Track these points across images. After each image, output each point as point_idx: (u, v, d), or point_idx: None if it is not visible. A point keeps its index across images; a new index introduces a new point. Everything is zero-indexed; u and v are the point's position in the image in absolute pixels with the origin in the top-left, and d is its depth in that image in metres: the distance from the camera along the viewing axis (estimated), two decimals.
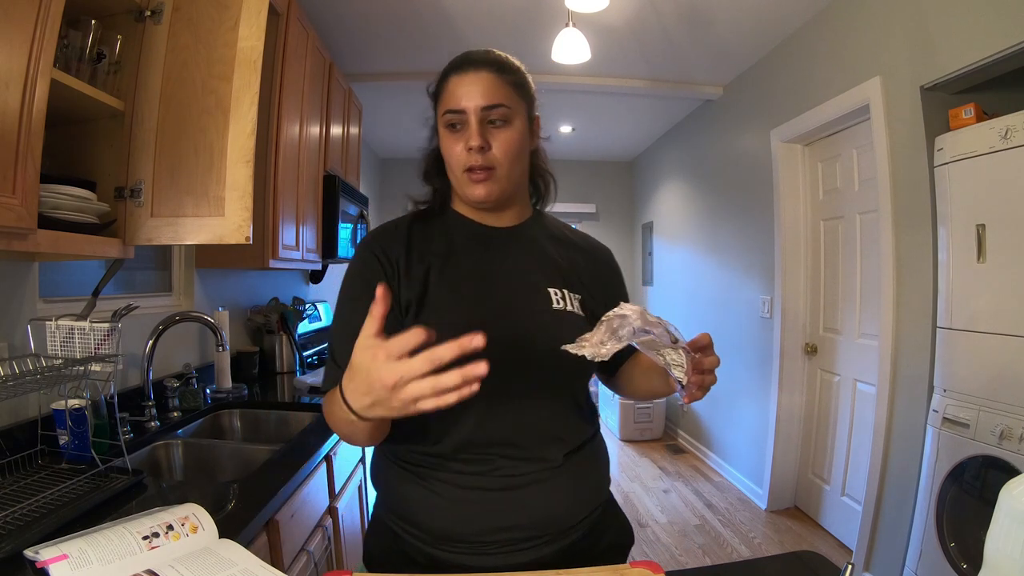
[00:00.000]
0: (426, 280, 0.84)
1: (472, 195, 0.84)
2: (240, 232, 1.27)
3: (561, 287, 0.88)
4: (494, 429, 0.80)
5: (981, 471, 1.67)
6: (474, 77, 0.81)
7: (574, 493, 0.84)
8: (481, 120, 0.81)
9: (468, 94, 0.81)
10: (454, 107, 0.82)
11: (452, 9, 2.54)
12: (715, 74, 3.36)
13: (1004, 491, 0.60)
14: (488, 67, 0.82)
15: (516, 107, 0.83)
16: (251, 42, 1.28)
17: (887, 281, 2.17)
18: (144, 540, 0.78)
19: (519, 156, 0.84)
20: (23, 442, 1.19)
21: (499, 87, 0.82)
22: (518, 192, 0.91)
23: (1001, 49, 1.65)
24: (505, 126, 0.82)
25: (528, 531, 0.80)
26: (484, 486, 0.80)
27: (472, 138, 0.80)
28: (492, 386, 0.77)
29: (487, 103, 0.80)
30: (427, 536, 0.82)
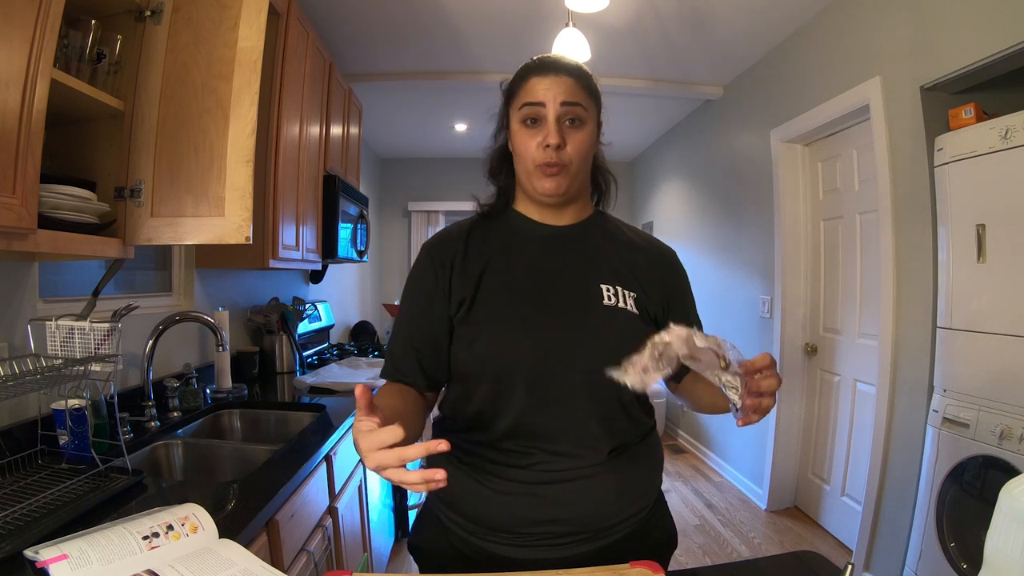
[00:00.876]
0: (481, 276, 0.88)
1: (543, 188, 0.87)
2: (240, 232, 1.27)
3: (615, 284, 0.89)
4: (536, 423, 0.83)
5: (981, 471, 1.67)
6: (556, 79, 0.86)
7: (615, 492, 0.84)
8: (559, 118, 0.85)
9: (550, 90, 0.85)
10: (534, 100, 0.86)
11: (452, 9, 2.54)
12: (715, 74, 3.36)
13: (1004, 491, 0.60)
14: (568, 72, 0.87)
15: (590, 110, 0.88)
16: (251, 42, 1.28)
17: (887, 281, 2.17)
18: (144, 540, 0.78)
19: (588, 156, 0.89)
20: (23, 442, 1.19)
21: (579, 90, 0.87)
22: (581, 191, 0.94)
23: (1001, 49, 1.65)
24: (580, 126, 0.87)
25: (566, 526, 0.82)
26: (524, 479, 0.82)
27: (551, 135, 0.84)
28: (536, 380, 0.82)
29: (569, 99, 0.85)
30: (470, 525, 0.85)
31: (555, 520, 0.82)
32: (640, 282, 0.91)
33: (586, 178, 0.93)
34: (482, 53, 2.99)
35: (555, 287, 0.88)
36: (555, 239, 0.93)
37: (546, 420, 0.83)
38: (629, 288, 0.90)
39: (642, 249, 0.97)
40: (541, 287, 0.87)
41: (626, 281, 0.90)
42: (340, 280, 4.09)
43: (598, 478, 0.83)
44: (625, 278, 0.91)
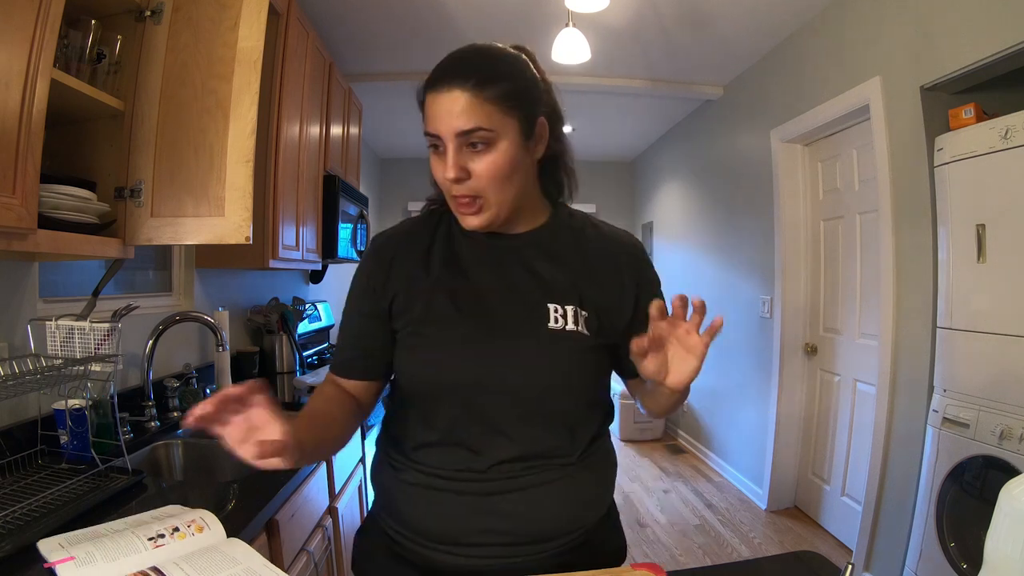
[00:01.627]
0: (424, 289, 0.82)
1: (463, 224, 0.80)
2: (240, 232, 1.27)
3: (564, 303, 0.81)
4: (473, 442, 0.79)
5: (981, 471, 1.67)
6: (447, 97, 0.72)
7: (559, 503, 0.81)
8: (458, 147, 0.73)
9: (442, 117, 0.72)
10: (430, 131, 0.75)
11: (452, 9, 2.54)
12: (715, 74, 3.36)
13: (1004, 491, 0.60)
14: (464, 83, 0.71)
15: (502, 125, 0.73)
16: (251, 42, 1.28)
17: (887, 281, 2.17)
18: (149, 541, 0.79)
19: (509, 177, 0.75)
20: (23, 442, 1.19)
21: (477, 107, 0.71)
22: (523, 204, 0.83)
23: (1001, 49, 1.65)
24: (488, 149, 0.73)
25: (508, 536, 0.79)
26: (464, 490, 0.79)
27: (448, 169, 0.73)
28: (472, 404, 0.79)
29: (462, 128, 0.71)
30: (413, 534, 0.82)
31: (495, 530, 0.78)
32: (595, 295, 0.83)
33: (521, 196, 0.80)
34: None
35: (499, 308, 0.81)
36: (503, 252, 0.84)
37: (483, 439, 0.79)
38: (583, 305, 0.82)
39: (600, 253, 0.87)
40: (485, 307, 0.81)
41: (579, 298, 0.82)
42: (340, 280, 4.09)
43: (541, 488, 0.80)
44: (577, 295, 0.82)
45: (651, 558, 2.58)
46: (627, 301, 0.85)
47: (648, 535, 2.83)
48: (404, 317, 0.82)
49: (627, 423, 4.42)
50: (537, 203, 0.87)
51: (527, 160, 0.79)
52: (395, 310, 0.84)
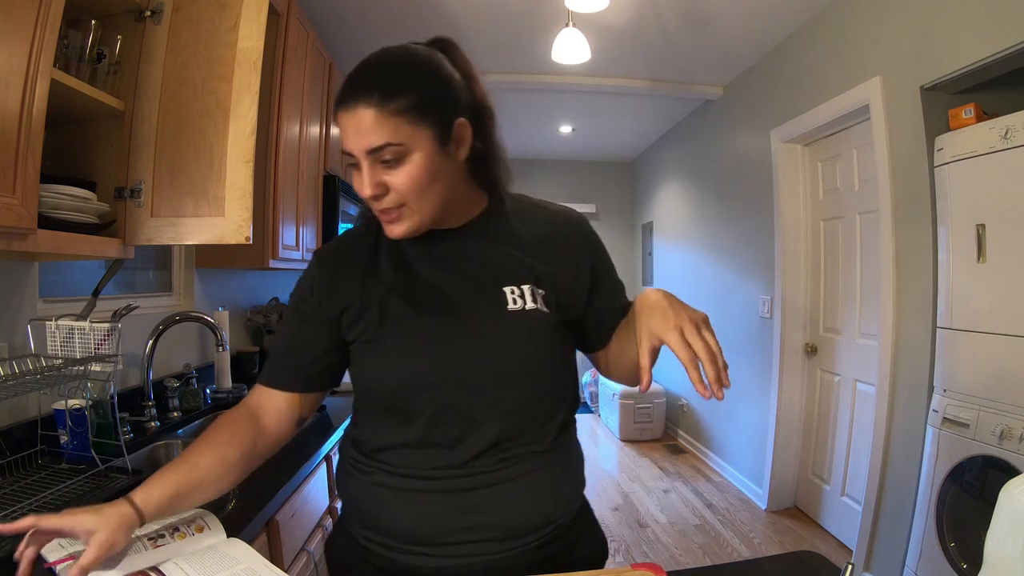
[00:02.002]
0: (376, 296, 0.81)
1: (389, 234, 0.78)
2: (240, 232, 1.27)
3: (519, 283, 0.81)
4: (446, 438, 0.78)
5: (981, 471, 1.67)
6: (352, 116, 0.70)
7: (536, 496, 0.80)
8: (372, 163, 0.72)
9: (351, 136, 0.71)
10: (343, 149, 0.74)
11: (452, 9, 2.54)
12: (715, 74, 3.36)
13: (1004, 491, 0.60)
14: (367, 99, 0.69)
15: (412, 136, 0.71)
16: (251, 42, 1.28)
17: (887, 281, 2.17)
18: (149, 540, 0.79)
19: (430, 186, 0.74)
20: (23, 442, 1.19)
21: (382, 123, 0.69)
22: (453, 201, 0.81)
23: (1001, 49, 1.65)
24: (401, 163, 0.71)
25: (485, 532, 0.77)
26: (439, 488, 0.78)
27: (364, 187, 0.73)
28: (444, 401, 0.77)
29: (371, 146, 0.70)
30: (388, 540, 0.80)
31: (471, 528, 0.77)
32: (549, 273, 0.83)
33: (446, 198, 0.78)
34: (483, 53, 2.99)
35: (455, 301, 0.80)
36: (447, 247, 0.83)
37: (456, 433, 0.78)
38: (538, 283, 0.81)
39: (548, 232, 0.86)
40: (441, 302, 0.80)
41: (533, 277, 0.82)
42: None
43: (517, 481, 0.79)
44: (531, 274, 0.82)
45: (651, 558, 2.58)
46: (583, 278, 0.85)
47: (648, 535, 2.83)
48: (359, 325, 0.81)
49: (627, 423, 4.42)
50: (471, 196, 0.85)
51: (448, 165, 0.76)
52: (347, 320, 0.82)
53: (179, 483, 0.75)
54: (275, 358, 0.87)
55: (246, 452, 0.82)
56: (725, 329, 3.56)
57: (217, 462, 0.78)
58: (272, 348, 0.89)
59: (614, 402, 4.48)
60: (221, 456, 0.79)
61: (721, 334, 0.87)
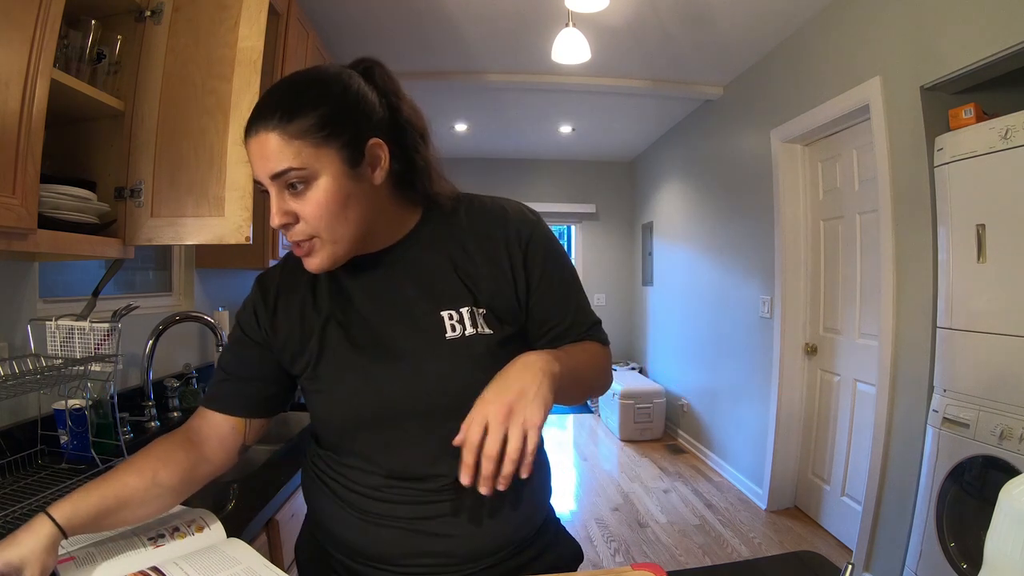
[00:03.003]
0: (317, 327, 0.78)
1: (307, 268, 0.74)
2: (240, 232, 1.27)
3: (459, 305, 0.76)
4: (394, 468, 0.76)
5: (981, 471, 1.67)
6: (256, 142, 0.68)
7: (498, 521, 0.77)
8: (279, 190, 0.69)
9: (256, 162, 0.69)
10: (254, 177, 0.71)
11: (452, 9, 2.54)
12: (715, 74, 3.36)
13: (1004, 491, 0.59)
14: (268, 123, 0.66)
15: (316, 160, 0.67)
16: (251, 42, 1.28)
17: (887, 281, 2.17)
18: (150, 541, 0.79)
19: (341, 212, 0.69)
20: (23, 442, 1.19)
21: (284, 146, 0.66)
22: (376, 224, 0.76)
23: (1001, 49, 1.65)
24: (307, 187, 0.68)
25: (443, 558, 0.76)
26: (392, 512, 0.76)
27: (272, 216, 0.70)
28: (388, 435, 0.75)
29: (273, 171, 0.67)
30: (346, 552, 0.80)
31: (430, 552, 0.75)
32: (488, 284, 0.77)
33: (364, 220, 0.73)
34: (482, 53, 2.99)
35: (392, 330, 0.77)
36: (381, 270, 0.79)
37: (405, 466, 0.76)
38: (477, 303, 0.76)
39: (481, 234, 0.80)
40: (379, 333, 0.77)
41: (472, 294, 0.77)
42: None
43: (470, 507, 0.76)
44: (470, 291, 0.77)
45: (651, 558, 2.58)
46: (518, 277, 0.79)
47: (648, 535, 2.83)
48: (300, 361, 0.79)
49: (627, 423, 4.42)
50: (399, 215, 0.79)
51: (361, 188, 0.71)
52: (288, 354, 0.80)
53: (104, 500, 0.71)
54: (219, 381, 0.84)
55: (184, 477, 0.78)
56: (725, 329, 3.56)
57: (149, 483, 0.74)
58: (217, 369, 0.85)
59: (614, 402, 4.48)
60: (154, 478, 0.75)
61: (721, 334, 0.87)
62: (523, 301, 0.80)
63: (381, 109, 0.73)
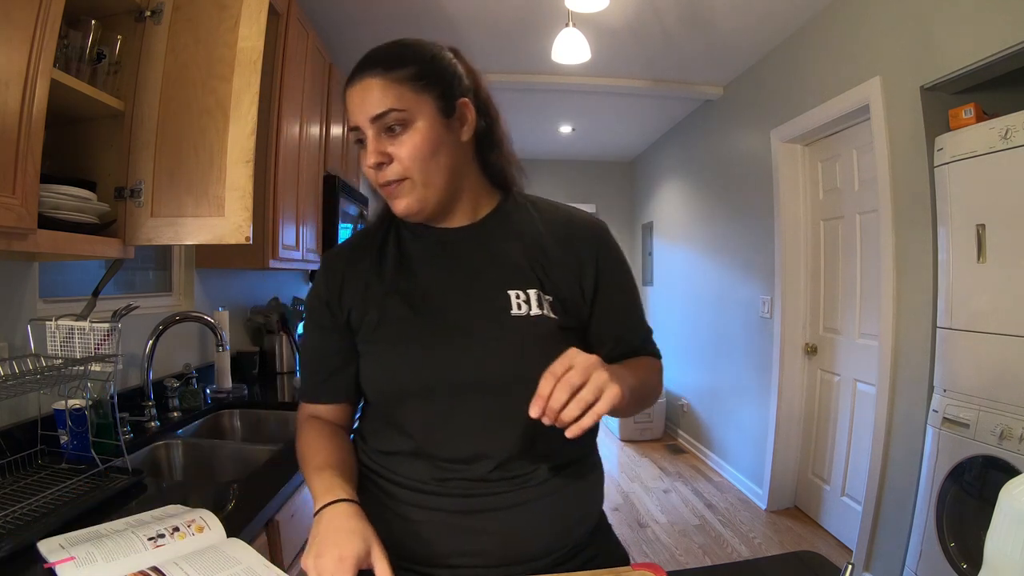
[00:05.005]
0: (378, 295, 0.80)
1: (395, 211, 0.78)
2: (240, 232, 1.27)
3: (525, 287, 0.78)
4: (450, 452, 0.76)
5: (981, 471, 1.67)
6: (360, 87, 0.73)
7: (548, 519, 0.77)
8: (377, 133, 0.73)
9: (356, 107, 0.73)
10: (350, 124, 0.75)
11: (452, 9, 2.54)
12: (715, 74, 3.36)
13: (1004, 491, 0.59)
14: (373, 70, 0.73)
15: (415, 104, 0.73)
16: (251, 42, 1.28)
17: (887, 281, 2.17)
18: (149, 541, 0.79)
19: (433, 156, 0.74)
20: (23, 442, 1.19)
21: (387, 89, 0.72)
22: (460, 191, 0.80)
23: (1001, 49, 1.65)
24: (405, 130, 0.73)
25: (493, 558, 0.75)
26: (440, 506, 0.76)
27: (368, 156, 0.74)
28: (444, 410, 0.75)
29: (375, 113, 0.72)
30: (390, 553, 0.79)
31: (472, 552, 0.74)
32: (557, 278, 0.80)
33: (453, 178, 0.78)
34: (482, 53, 2.99)
35: (458, 302, 0.78)
36: (452, 246, 0.82)
37: (457, 448, 0.75)
38: (545, 288, 0.78)
39: (560, 232, 0.83)
40: (442, 305, 0.78)
41: (540, 282, 0.79)
42: None
43: (523, 506, 0.75)
44: (539, 278, 0.79)
45: (651, 558, 2.58)
46: (587, 283, 0.81)
47: (648, 535, 2.83)
48: (363, 328, 0.80)
49: (627, 423, 4.42)
50: (482, 192, 0.84)
51: (451, 139, 0.76)
52: (353, 323, 0.81)
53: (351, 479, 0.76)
54: (305, 374, 0.87)
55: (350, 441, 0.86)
56: (725, 329, 3.56)
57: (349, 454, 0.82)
58: (303, 361, 0.89)
59: None
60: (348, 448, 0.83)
61: (721, 334, 0.87)
62: (588, 300, 0.82)
63: (467, 80, 0.79)
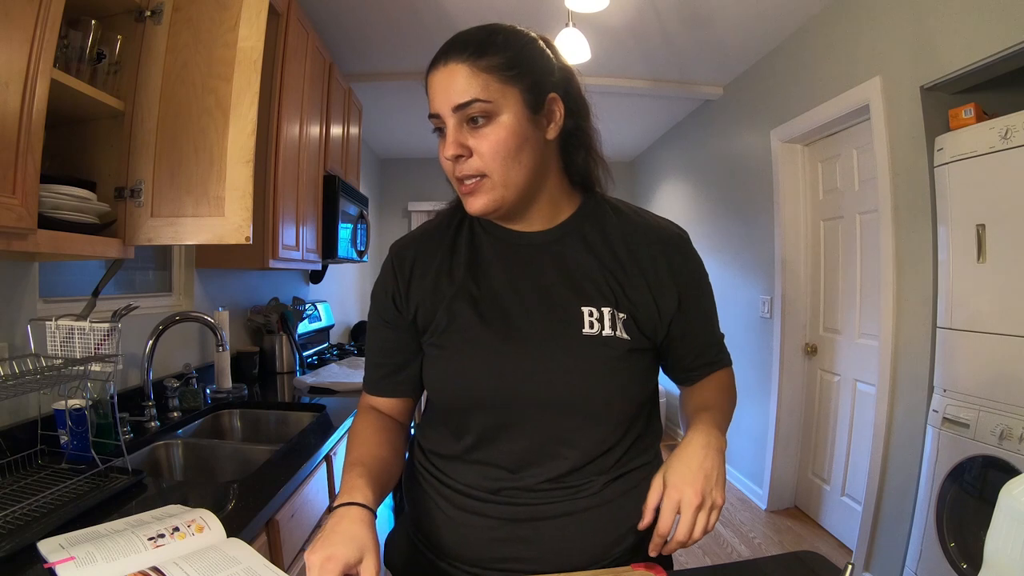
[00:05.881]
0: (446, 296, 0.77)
1: (468, 209, 0.74)
2: (240, 232, 1.27)
3: (600, 304, 0.74)
4: (506, 461, 0.75)
5: (981, 471, 1.67)
6: (444, 73, 0.68)
7: (598, 531, 0.76)
8: (458, 123, 0.69)
9: (439, 94, 0.69)
10: (431, 112, 0.71)
11: (452, 9, 2.54)
12: (715, 74, 3.36)
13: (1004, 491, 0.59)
14: (460, 55, 0.68)
15: (502, 95, 0.68)
16: (251, 42, 1.28)
17: (887, 281, 2.17)
18: (149, 541, 0.79)
19: (515, 154, 0.70)
20: (23, 442, 1.19)
21: (473, 77, 0.67)
22: (540, 192, 0.76)
23: (1001, 49, 1.65)
24: (488, 123, 0.68)
25: (538, 565, 0.74)
26: (491, 513, 0.75)
27: (447, 146, 0.69)
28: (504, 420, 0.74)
29: (458, 102, 0.68)
30: (436, 551, 0.80)
31: (519, 558, 0.74)
32: (635, 293, 0.76)
33: (533, 178, 0.73)
34: None
35: (529, 314, 0.74)
36: (527, 252, 0.78)
37: (514, 458, 0.75)
38: (619, 307, 0.75)
39: (640, 245, 0.79)
40: (513, 315, 0.75)
41: (616, 298, 0.75)
42: (340, 280, 4.09)
43: (574, 516, 0.74)
44: (614, 294, 0.75)
45: None
46: (668, 300, 0.78)
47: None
48: (429, 328, 0.78)
49: None
50: (562, 194, 0.80)
51: (536, 136, 0.72)
52: (421, 322, 0.79)
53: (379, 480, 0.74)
54: (370, 365, 0.86)
55: (403, 439, 0.85)
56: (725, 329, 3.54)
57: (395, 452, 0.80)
58: (368, 352, 0.86)
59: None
60: (394, 447, 0.81)
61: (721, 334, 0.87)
62: (667, 318, 0.78)
63: (558, 74, 0.75)
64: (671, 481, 0.68)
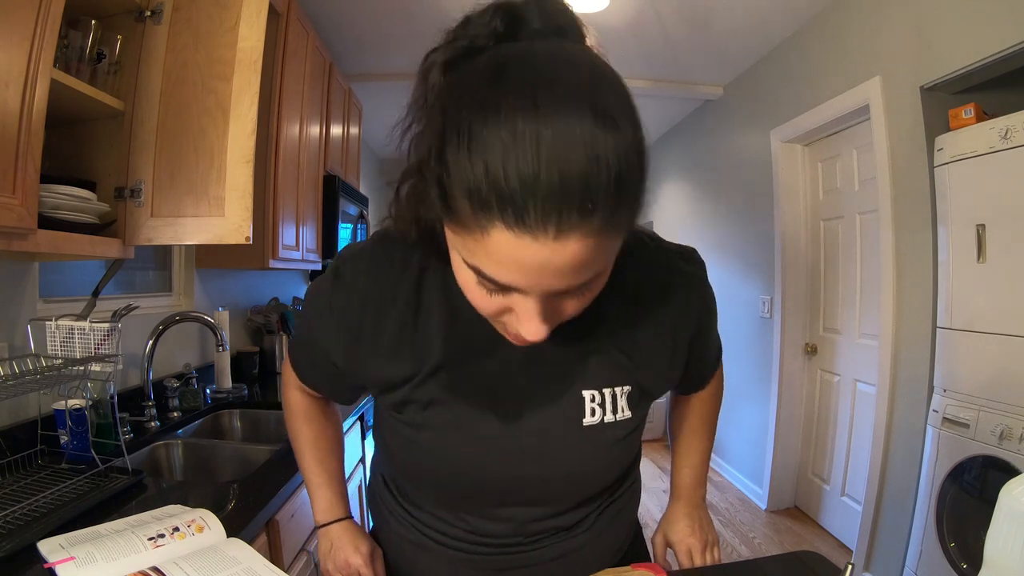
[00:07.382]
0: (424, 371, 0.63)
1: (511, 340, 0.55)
2: (240, 232, 1.27)
3: (602, 385, 0.65)
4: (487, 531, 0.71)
5: (981, 471, 1.67)
6: (553, 248, 0.41)
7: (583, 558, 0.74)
8: (546, 303, 0.47)
9: (534, 274, 0.43)
10: (503, 280, 0.44)
11: (452, 9, 2.54)
12: (715, 74, 3.36)
13: (1004, 491, 0.59)
14: (585, 221, 0.40)
15: (614, 251, 0.47)
16: (251, 42, 1.29)
17: (887, 281, 2.17)
18: (149, 541, 0.79)
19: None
20: (23, 442, 1.19)
21: (599, 251, 0.43)
22: None
23: (1001, 49, 1.65)
24: (585, 290, 0.49)
25: None
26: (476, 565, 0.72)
27: (534, 330, 0.48)
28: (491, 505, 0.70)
29: (576, 283, 0.45)
30: None
31: None
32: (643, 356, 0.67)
33: None
34: None
35: (522, 395, 0.64)
36: None
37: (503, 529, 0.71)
38: (623, 381, 0.66)
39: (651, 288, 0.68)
40: (501, 395, 0.64)
41: (621, 370, 0.66)
42: None
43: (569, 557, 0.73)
44: (621, 367, 0.66)
45: None
46: (680, 346, 0.70)
47: (648, 535, 2.83)
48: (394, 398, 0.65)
49: None
50: None
51: None
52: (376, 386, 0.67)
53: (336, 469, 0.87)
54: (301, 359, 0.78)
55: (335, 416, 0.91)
56: (725, 329, 3.54)
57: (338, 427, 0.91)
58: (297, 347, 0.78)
59: None
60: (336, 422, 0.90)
61: (721, 334, 0.87)
62: (677, 366, 0.72)
63: None
64: (675, 539, 0.90)
